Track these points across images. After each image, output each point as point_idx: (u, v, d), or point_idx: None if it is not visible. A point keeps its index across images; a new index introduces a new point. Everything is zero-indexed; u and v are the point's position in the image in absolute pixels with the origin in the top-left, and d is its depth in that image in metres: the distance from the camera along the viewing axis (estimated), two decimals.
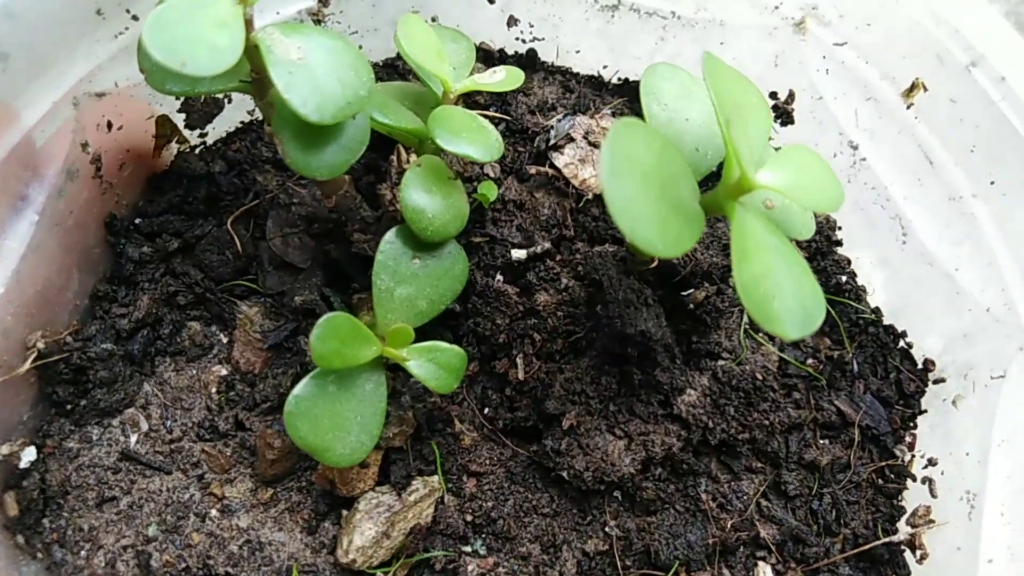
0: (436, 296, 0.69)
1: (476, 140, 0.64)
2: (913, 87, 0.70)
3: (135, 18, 0.66)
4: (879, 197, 0.75)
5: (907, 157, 0.72)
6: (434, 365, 0.66)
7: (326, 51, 0.59)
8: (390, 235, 0.67)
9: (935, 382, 0.77)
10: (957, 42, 0.65)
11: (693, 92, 0.64)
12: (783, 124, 0.80)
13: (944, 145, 0.70)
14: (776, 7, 0.74)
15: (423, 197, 0.65)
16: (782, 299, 0.50)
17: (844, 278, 0.78)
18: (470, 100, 0.83)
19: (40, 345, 0.68)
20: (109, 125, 0.70)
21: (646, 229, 0.49)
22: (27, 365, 0.67)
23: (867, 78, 0.72)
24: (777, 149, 0.62)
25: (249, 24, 0.58)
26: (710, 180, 0.63)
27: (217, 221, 0.78)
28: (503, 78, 0.67)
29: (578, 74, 0.86)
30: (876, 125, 0.73)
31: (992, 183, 0.68)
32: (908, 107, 0.71)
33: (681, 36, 0.79)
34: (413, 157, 0.69)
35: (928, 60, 0.67)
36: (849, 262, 0.80)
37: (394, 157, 0.72)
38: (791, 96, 0.79)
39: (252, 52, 0.58)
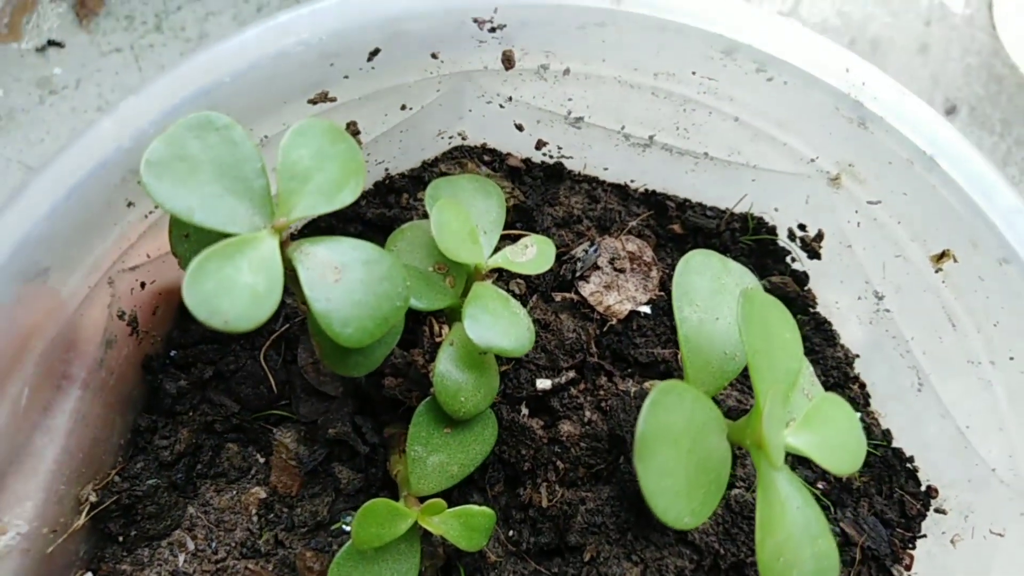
0: (466, 460, 0.72)
1: (508, 332, 0.65)
2: (944, 255, 0.70)
3: None
4: (899, 346, 0.77)
5: (930, 315, 0.73)
6: (465, 528, 0.70)
7: (362, 266, 0.60)
8: (423, 408, 0.69)
9: (937, 511, 0.81)
10: (992, 235, 0.65)
11: (724, 285, 0.65)
12: (810, 257, 0.81)
13: (968, 313, 0.71)
14: (812, 160, 0.72)
15: (455, 377, 0.67)
16: (800, 570, 0.53)
17: (859, 415, 0.80)
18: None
19: (92, 498, 0.72)
20: (143, 285, 0.71)
21: (676, 506, 0.52)
22: (83, 519, 0.71)
23: (898, 236, 0.72)
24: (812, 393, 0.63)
25: (285, 244, 0.58)
26: (741, 377, 0.65)
27: (249, 347, 0.80)
28: (534, 257, 0.67)
29: (604, 182, 0.85)
30: (903, 281, 0.74)
31: (1011, 359, 0.69)
32: (937, 271, 0.71)
33: (711, 170, 0.78)
34: (446, 329, 0.70)
35: (962, 242, 0.67)
36: (864, 387, 0.83)
37: (426, 328, 0.73)
38: (820, 235, 0.78)
39: (287, 265, 0.59)
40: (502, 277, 0.77)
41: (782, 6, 1.28)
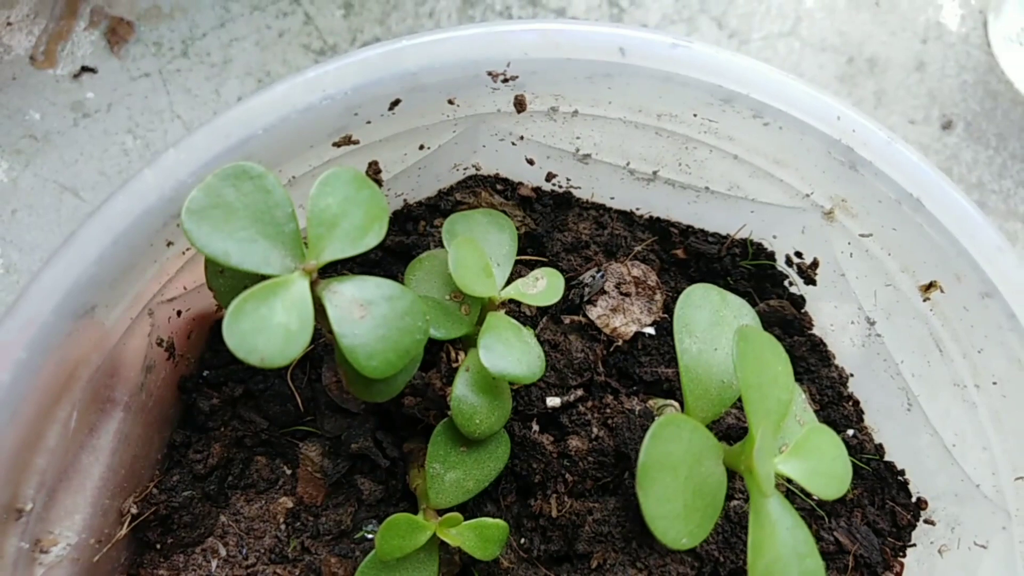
0: (482, 476, 0.77)
1: (520, 360, 0.70)
2: (931, 285, 0.74)
3: None
4: (889, 368, 0.81)
5: (919, 341, 0.78)
6: (480, 539, 0.75)
7: (386, 302, 0.64)
8: (440, 428, 0.74)
9: (926, 522, 0.86)
10: (975, 271, 0.69)
11: (723, 318, 0.69)
12: (806, 283, 0.85)
13: (954, 339, 0.75)
14: (807, 195, 0.76)
15: (471, 401, 0.72)
16: None
17: (851, 432, 0.85)
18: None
19: (133, 510, 0.78)
20: (179, 313, 0.76)
21: (674, 529, 0.57)
22: (124, 530, 0.77)
23: (888, 267, 0.76)
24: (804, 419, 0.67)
25: (314, 282, 0.63)
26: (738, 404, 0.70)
27: (277, 368, 0.85)
28: (544, 289, 0.72)
29: (611, 209, 0.90)
30: (893, 308, 0.78)
31: (995, 384, 0.73)
32: (924, 300, 0.75)
33: (712, 202, 0.82)
34: (462, 356, 0.75)
35: (947, 276, 0.71)
36: (857, 404, 0.87)
37: (444, 354, 0.77)
38: (816, 263, 0.83)
39: (316, 301, 0.63)
40: (514, 301, 0.82)
41: (782, 26, 1.30)
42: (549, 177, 0.84)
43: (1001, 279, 0.67)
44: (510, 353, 0.70)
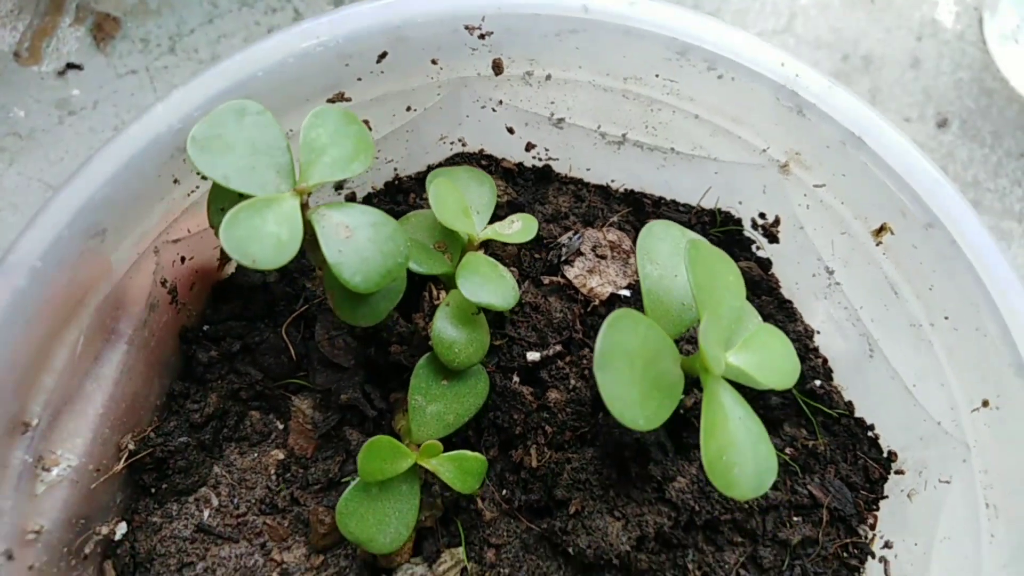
0: (462, 410, 0.81)
1: (496, 290, 0.75)
2: (882, 228, 0.79)
3: (204, 178, 0.77)
4: (850, 316, 0.86)
5: (875, 285, 0.82)
6: (459, 470, 0.79)
7: (369, 227, 0.70)
8: (423, 362, 0.79)
9: (896, 472, 0.88)
10: (917, 203, 0.74)
11: (682, 248, 0.75)
12: (770, 242, 0.90)
13: (907, 281, 0.80)
14: (764, 150, 0.83)
15: (451, 333, 0.77)
16: (741, 467, 0.61)
17: (819, 382, 0.89)
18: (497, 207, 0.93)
19: (131, 446, 0.82)
20: (183, 259, 0.82)
21: (630, 410, 0.61)
22: (121, 464, 0.81)
23: (842, 216, 0.82)
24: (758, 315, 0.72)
25: (305, 207, 0.69)
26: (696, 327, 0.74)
27: (273, 325, 0.90)
28: (519, 228, 0.78)
29: (588, 184, 0.96)
30: (849, 256, 0.83)
31: (947, 318, 0.77)
32: (877, 244, 0.80)
33: (679, 165, 0.88)
34: (443, 294, 0.81)
35: (893, 213, 0.77)
36: (824, 360, 0.91)
37: (426, 293, 0.83)
38: (777, 221, 0.88)
39: (308, 227, 0.69)
40: (496, 256, 0.87)
41: (777, 24, 1.34)
42: (528, 147, 0.91)
43: (940, 209, 0.73)
44: (486, 284, 0.75)
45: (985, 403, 0.75)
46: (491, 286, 0.75)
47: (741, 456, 0.61)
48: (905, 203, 0.75)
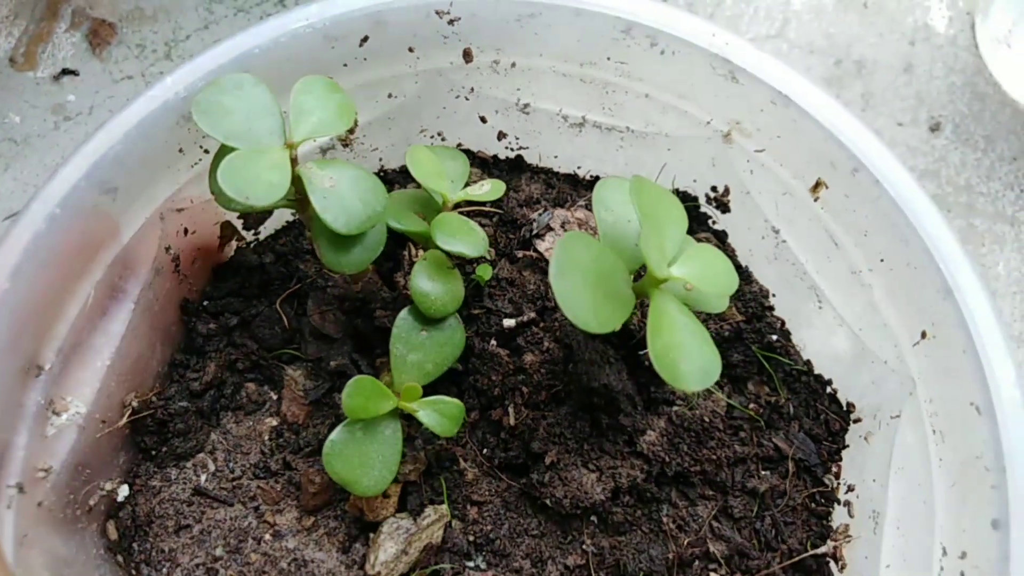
0: (440, 359, 0.87)
1: (467, 240, 0.83)
2: (817, 184, 0.87)
3: (206, 151, 0.87)
4: (798, 272, 0.93)
5: (817, 239, 0.90)
6: (438, 414, 0.84)
7: (351, 179, 0.79)
8: (403, 313, 0.86)
9: (855, 421, 0.93)
10: (843, 152, 0.83)
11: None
12: (723, 212, 0.98)
13: (845, 230, 0.87)
14: (708, 122, 0.92)
15: (428, 284, 0.84)
16: (687, 362, 0.67)
17: (775, 337, 0.95)
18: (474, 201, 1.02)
19: (134, 404, 0.88)
20: (186, 231, 0.91)
21: (583, 313, 0.67)
22: (124, 420, 0.87)
23: (782, 177, 0.90)
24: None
25: (294, 161, 0.78)
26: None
27: (268, 302, 0.98)
28: (488, 190, 0.87)
29: (558, 172, 1.05)
30: (792, 214, 0.91)
31: (882, 260, 0.84)
32: (815, 200, 0.88)
33: (636, 144, 0.98)
34: (421, 252, 0.88)
35: (824, 166, 0.85)
36: (782, 323, 0.97)
37: (406, 252, 0.91)
38: (727, 190, 0.97)
39: (297, 181, 0.78)
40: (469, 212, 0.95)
41: (770, 29, 1.36)
42: (500, 136, 1.01)
43: (862, 153, 0.81)
44: (458, 235, 0.83)
45: (923, 335, 0.81)
46: (463, 236, 0.83)
47: (686, 353, 0.67)
48: (834, 153, 0.83)
